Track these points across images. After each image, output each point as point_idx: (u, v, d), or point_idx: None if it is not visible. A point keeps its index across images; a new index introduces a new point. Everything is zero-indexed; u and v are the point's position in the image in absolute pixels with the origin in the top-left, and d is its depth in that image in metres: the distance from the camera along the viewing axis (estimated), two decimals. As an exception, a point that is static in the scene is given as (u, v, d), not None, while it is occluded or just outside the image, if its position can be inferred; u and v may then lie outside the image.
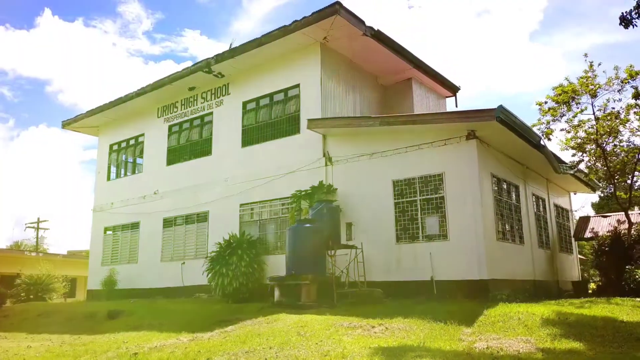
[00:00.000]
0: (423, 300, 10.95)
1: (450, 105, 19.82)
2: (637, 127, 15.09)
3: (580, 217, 18.19)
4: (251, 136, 16.53)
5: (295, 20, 14.53)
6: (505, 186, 13.36)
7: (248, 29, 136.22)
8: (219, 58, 16.41)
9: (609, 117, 14.31)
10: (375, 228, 13.05)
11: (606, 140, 15.28)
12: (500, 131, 11.68)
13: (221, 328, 9.19)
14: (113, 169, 21.98)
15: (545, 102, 14.21)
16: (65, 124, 22.56)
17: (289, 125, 15.55)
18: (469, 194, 11.67)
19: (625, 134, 15.51)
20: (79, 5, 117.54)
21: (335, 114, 15.15)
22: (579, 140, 15.16)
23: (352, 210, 13.64)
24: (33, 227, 47.80)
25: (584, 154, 15.17)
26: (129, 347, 7.84)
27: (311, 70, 15.17)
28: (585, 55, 20.05)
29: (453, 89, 19.45)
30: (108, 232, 21.07)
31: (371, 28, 14.64)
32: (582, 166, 15.96)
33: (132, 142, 21.13)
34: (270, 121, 16.15)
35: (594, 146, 14.94)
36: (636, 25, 9.74)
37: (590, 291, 15.38)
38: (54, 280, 23.94)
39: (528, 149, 13.13)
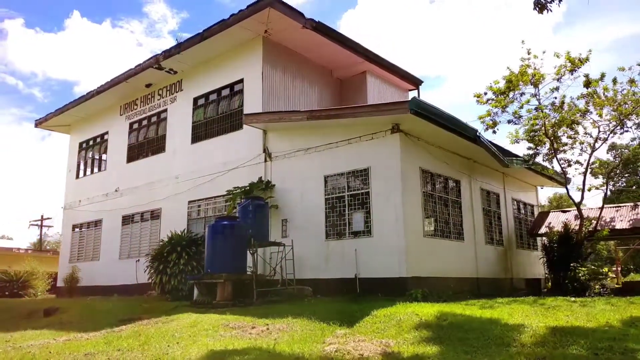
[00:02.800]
0: (338, 299, 10.69)
1: (413, 98, 19.33)
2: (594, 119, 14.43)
3: (539, 213, 17.54)
4: (200, 132, 16.40)
5: (233, 14, 14.31)
6: (441, 181, 12.93)
7: None
8: (167, 54, 16.30)
9: (557, 108, 13.70)
10: (308, 224, 12.80)
11: (564, 131, 14.65)
12: (425, 124, 11.27)
13: (113, 327, 9.07)
14: (82, 167, 22.10)
15: (485, 94, 13.68)
16: (38, 123, 22.79)
17: (233, 121, 15.35)
18: (392, 189, 11.31)
19: (587, 126, 14.85)
20: (107, 7, 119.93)
21: (279, 109, 14.88)
22: (532, 133, 14.56)
23: (288, 207, 13.40)
24: (37, 225, 48.70)
25: (538, 147, 14.55)
26: (4, 346, 7.77)
27: (253, 65, 14.94)
28: (522, 42, 19.12)
29: (415, 83, 18.99)
30: (76, 230, 21.22)
31: (312, 20, 14.30)
32: (540, 159, 15.32)
33: (98, 140, 21.21)
34: (217, 117, 15.98)
35: (550, 138, 14.35)
36: (551, 10, 9.28)
37: (545, 289, 14.82)
38: (33, 277, 24.19)
39: (467, 142, 12.68)
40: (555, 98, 13.62)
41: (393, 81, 18.38)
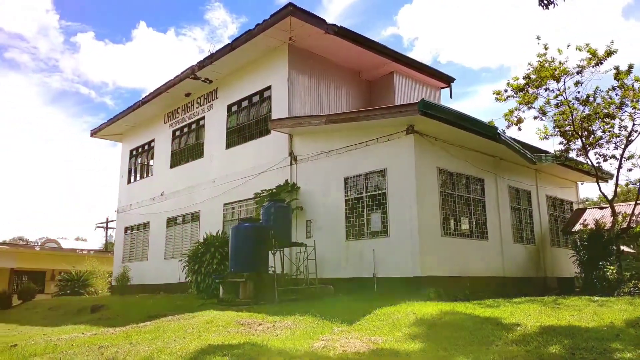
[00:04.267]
0: (355, 298, 10.94)
1: (445, 96, 19.28)
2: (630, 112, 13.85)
3: (575, 210, 16.92)
4: (233, 138, 17.14)
5: (258, 24, 14.90)
6: (461, 180, 12.90)
7: None
8: (201, 65, 17.16)
9: (584, 101, 13.27)
10: (330, 225, 13.17)
11: (601, 124, 14.15)
12: (438, 125, 11.36)
13: (139, 323, 9.84)
14: (132, 173, 23.53)
15: (505, 91, 13.45)
16: (93, 133, 24.47)
17: (262, 126, 15.95)
18: (407, 189, 11.47)
19: (623, 119, 14.26)
20: (170, 16, 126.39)
21: (306, 113, 15.34)
22: (563, 128, 14.19)
23: (312, 208, 13.83)
24: (102, 227, 51.84)
25: (570, 142, 14.14)
26: (37, 339, 8.69)
27: (280, 71, 15.48)
28: (538, 37, 17.89)
29: (447, 80, 18.88)
30: (127, 232, 22.65)
31: (334, 26, 14.64)
32: (573, 154, 14.85)
33: (145, 147, 22.53)
34: (248, 123, 16.66)
35: (580, 132, 13.93)
36: (557, 4, 9.19)
37: (577, 289, 14.38)
38: (92, 277, 26.02)
39: (489, 141, 12.60)
40: (578, 92, 13.22)
41: (423, 80, 18.37)
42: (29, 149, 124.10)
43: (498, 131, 12.34)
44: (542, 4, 9.15)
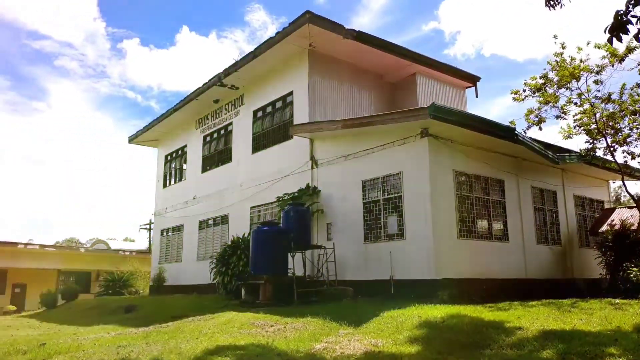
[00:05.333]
0: (372, 300, 11.16)
1: (470, 95, 19.14)
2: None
3: (604, 209, 16.43)
4: (259, 143, 17.61)
5: (278, 32, 15.29)
6: (480, 182, 12.85)
7: (367, 22, 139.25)
8: (226, 72, 17.70)
9: (606, 99, 12.97)
10: (349, 228, 13.39)
11: (629, 121, 13.81)
12: (452, 128, 11.40)
13: (162, 324, 10.38)
14: (168, 178, 24.43)
15: (524, 91, 13.26)
16: (131, 139, 25.54)
17: (285, 131, 16.32)
18: (421, 192, 11.57)
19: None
20: (212, 19, 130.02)
21: (328, 117, 15.61)
22: (591, 127, 13.89)
23: (332, 211, 14.10)
24: (146, 228, 53.69)
25: (595, 140, 13.84)
26: (67, 338, 9.33)
27: (301, 77, 15.82)
28: (555, 37, 16.78)
29: (472, 80, 18.73)
30: (163, 234, 23.56)
31: (352, 31, 14.83)
32: (600, 153, 14.51)
33: (179, 152, 23.37)
34: (272, 128, 17.09)
35: (611, 131, 13.63)
36: (563, 5, 9.13)
37: (604, 291, 14.04)
38: (133, 277, 27.16)
39: (508, 142, 12.52)
40: (598, 91, 12.93)
41: (447, 80, 18.30)
42: (82, 154, 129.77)
43: (516, 132, 12.23)
44: (549, 5, 9.12)
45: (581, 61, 12.87)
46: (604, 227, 14.25)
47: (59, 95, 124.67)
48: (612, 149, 13.89)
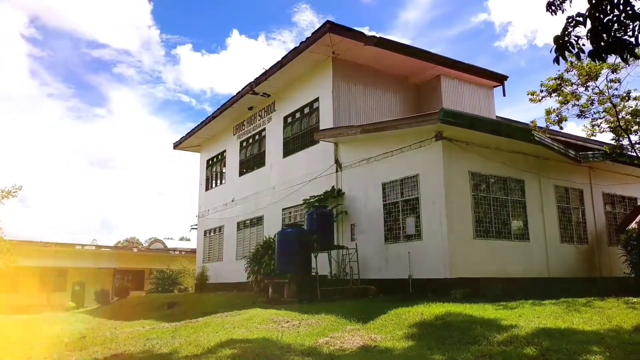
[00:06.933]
0: (390, 298, 11.64)
1: (498, 94, 19.11)
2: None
3: (634, 207, 16.06)
4: (289, 147, 18.38)
5: (302, 41, 15.97)
6: (497, 182, 13.03)
7: (415, 18, 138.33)
8: (257, 81, 18.58)
9: (624, 97, 12.84)
10: (371, 229, 13.92)
11: None
12: (464, 131, 11.71)
13: (192, 319, 11.29)
14: (209, 181, 25.66)
15: (541, 91, 13.26)
16: (175, 145, 26.96)
17: (312, 136, 16.98)
18: (437, 194, 11.94)
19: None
20: (261, 22, 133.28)
21: (352, 122, 16.17)
22: (617, 124, 13.77)
23: (355, 213, 14.66)
24: (195, 229, 55.79)
25: (620, 137, 13.70)
26: (105, 332, 10.40)
27: (325, 83, 16.44)
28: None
29: (499, 79, 18.73)
30: (206, 235, 24.80)
31: (373, 37, 15.30)
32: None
33: (219, 157, 24.52)
34: (300, 133, 17.81)
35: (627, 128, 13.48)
36: (565, 10, 9.33)
37: (631, 289, 13.83)
38: (181, 275, 28.62)
39: (526, 142, 12.68)
40: (616, 89, 12.81)
41: (473, 80, 18.40)
42: (143, 157, 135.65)
43: (533, 132, 12.36)
44: (550, 10, 9.33)
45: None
46: (632, 225, 14.07)
47: (119, 101, 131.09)
48: (633, 145, 13.72)
